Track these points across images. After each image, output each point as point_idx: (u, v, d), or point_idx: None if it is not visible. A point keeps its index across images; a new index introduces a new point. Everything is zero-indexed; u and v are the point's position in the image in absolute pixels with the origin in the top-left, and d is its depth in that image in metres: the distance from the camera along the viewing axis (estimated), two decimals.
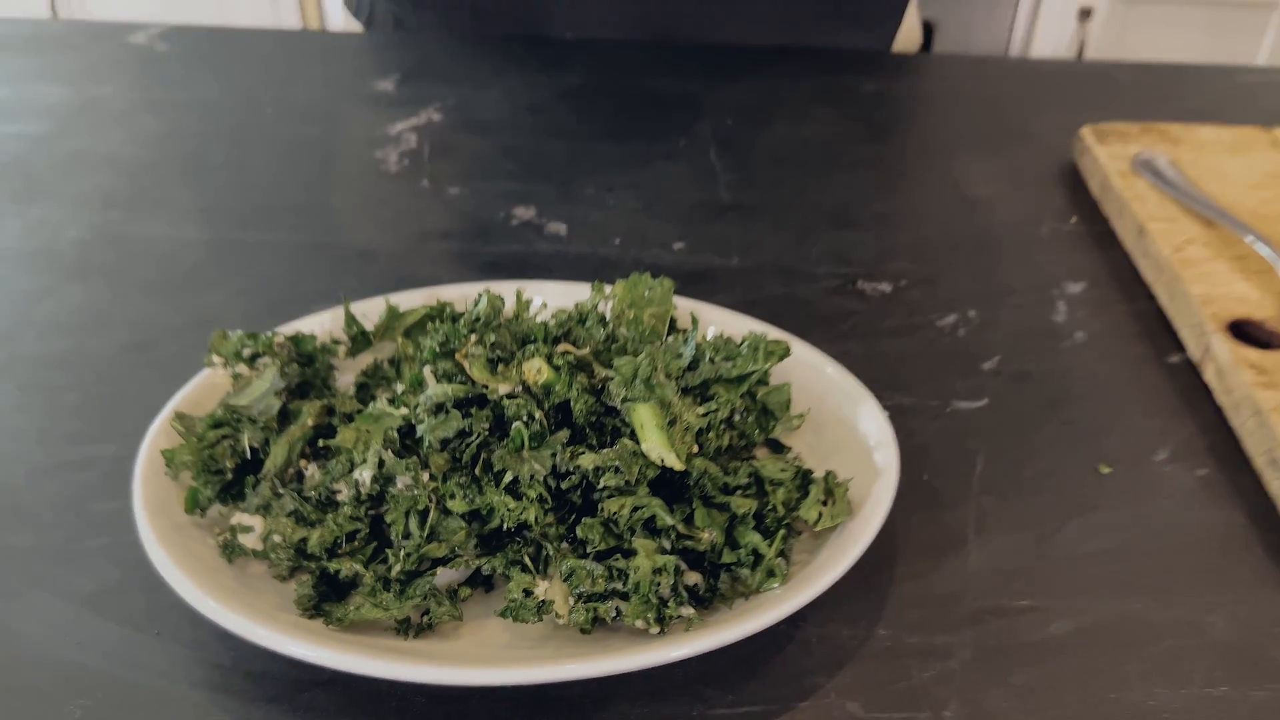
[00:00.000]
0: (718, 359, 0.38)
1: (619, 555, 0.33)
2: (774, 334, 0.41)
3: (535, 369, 0.35)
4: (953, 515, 0.39)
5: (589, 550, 0.33)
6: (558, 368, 0.35)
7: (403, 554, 0.33)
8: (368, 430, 0.35)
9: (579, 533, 0.33)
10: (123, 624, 0.34)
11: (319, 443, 0.36)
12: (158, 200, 0.57)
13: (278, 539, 0.33)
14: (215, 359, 0.38)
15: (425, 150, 0.61)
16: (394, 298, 0.43)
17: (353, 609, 0.32)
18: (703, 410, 0.36)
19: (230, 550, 0.34)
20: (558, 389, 0.35)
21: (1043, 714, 0.32)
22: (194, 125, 0.64)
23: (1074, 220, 0.56)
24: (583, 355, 0.37)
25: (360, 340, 0.42)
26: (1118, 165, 0.56)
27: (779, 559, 0.34)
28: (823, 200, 0.58)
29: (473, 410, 0.35)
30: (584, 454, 0.34)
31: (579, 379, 0.35)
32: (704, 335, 0.41)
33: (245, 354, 0.38)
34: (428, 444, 0.34)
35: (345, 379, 0.41)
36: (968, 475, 0.41)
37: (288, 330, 0.41)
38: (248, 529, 0.34)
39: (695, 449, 0.35)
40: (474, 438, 0.34)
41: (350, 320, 0.42)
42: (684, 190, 0.59)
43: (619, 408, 0.35)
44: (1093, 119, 0.61)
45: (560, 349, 0.37)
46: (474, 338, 0.37)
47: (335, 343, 0.41)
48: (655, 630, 0.32)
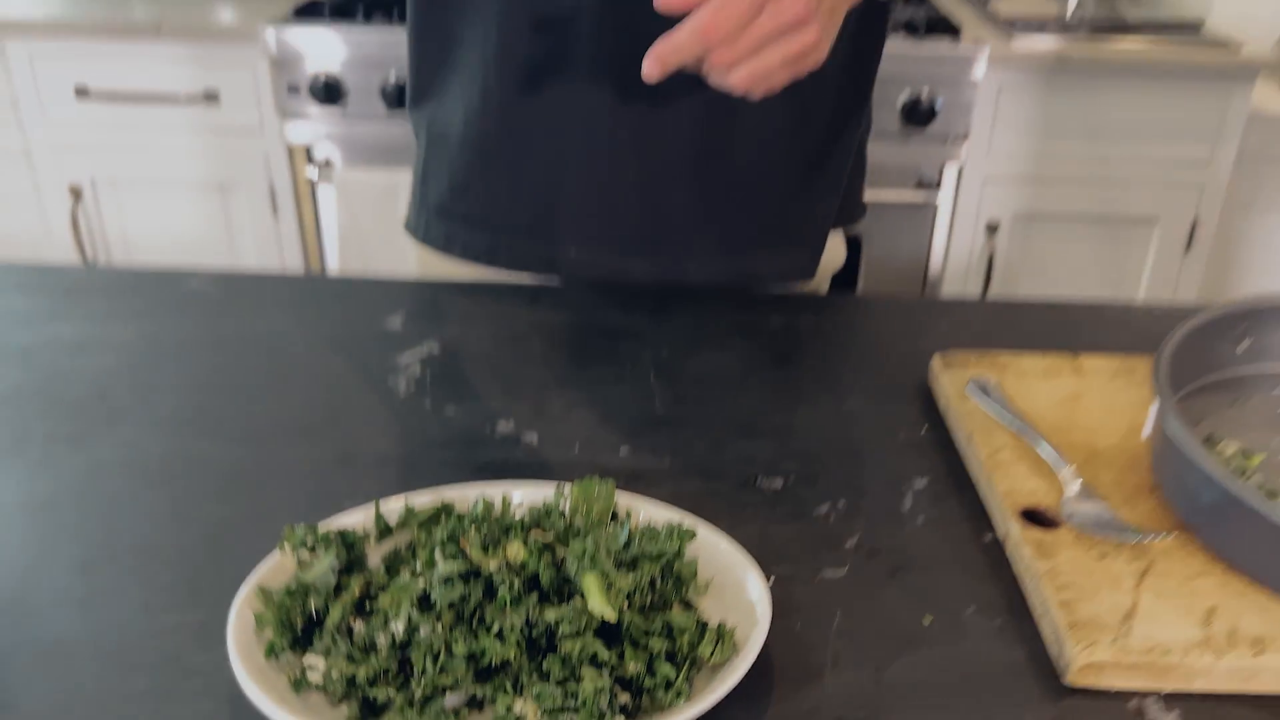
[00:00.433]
0: (644, 541, 0.54)
1: (572, 681, 0.48)
2: (689, 521, 0.57)
3: (514, 551, 0.51)
4: (815, 653, 0.54)
5: (552, 678, 0.48)
6: (530, 549, 0.51)
7: (423, 683, 0.48)
8: (399, 596, 0.50)
9: (545, 665, 0.48)
10: None
11: (364, 605, 0.51)
12: (217, 421, 0.73)
13: (335, 674, 0.48)
14: (286, 545, 0.53)
15: (427, 377, 0.78)
16: (409, 497, 0.59)
17: None
18: (632, 578, 0.51)
19: (299, 684, 0.48)
20: (530, 564, 0.51)
21: None
22: (240, 357, 0.81)
23: (925, 429, 0.73)
24: (548, 539, 0.53)
25: (385, 531, 0.57)
26: (957, 387, 0.74)
27: (685, 684, 0.49)
28: (735, 414, 0.75)
29: (471, 580, 0.50)
30: (548, 610, 0.49)
31: (545, 557, 0.51)
32: (636, 523, 0.57)
33: (308, 542, 0.53)
34: (440, 605, 0.49)
35: (374, 559, 0.56)
36: (828, 625, 0.56)
37: (335, 525, 0.56)
38: (312, 668, 0.49)
39: (626, 606, 0.50)
40: (471, 600, 0.49)
41: (379, 517, 0.57)
42: (629, 407, 0.75)
43: (573, 577, 0.50)
44: (948, 348, 0.79)
45: (532, 535, 0.53)
46: (472, 529, 0.52)
47: (367, 534, 0.57)
48: None
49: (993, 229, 2.00)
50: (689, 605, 0.55)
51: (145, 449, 0.70)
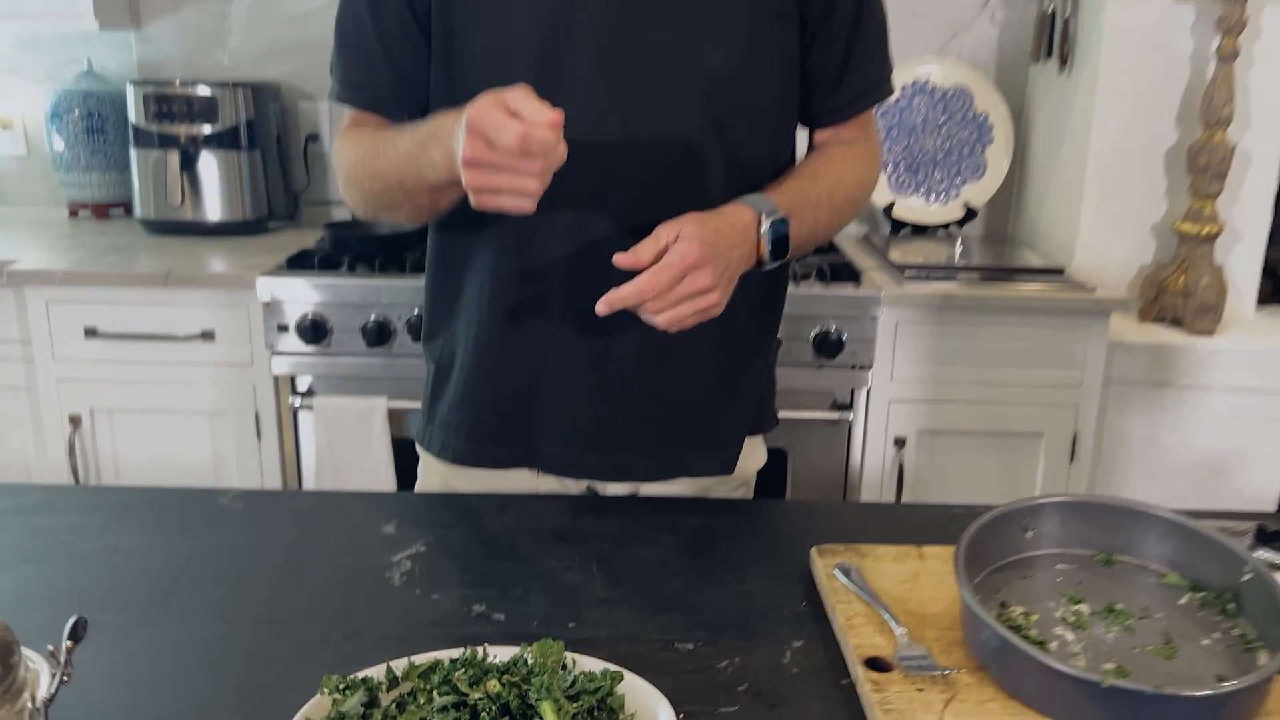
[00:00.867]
0: (585, 681, 0.74)
1: None
2: (614, 669, 0.78)
3: (493, 686, 0.71)
4: None
5: None
6: (504, 685, 0.72)
7: None
8: None
9: None
10: None
11: None
12: (250, 607, 0.93)
13: None
14: (325, 689, 0.73)
15: (416, 570, 0.99)
16: (410, 659, 0.79)
17: None
18: (576, 705, 0.71)
19: None
20: (503, 695, 0.71)
21: None
22: (265, 557, 1.02)
23: (804, 604, 0.95)
24: (516, 680, 0.73)
25: (394, 681, 0.77)
26: (827, 570, 0.96)
27: None
28: (658, 595, 0.96)
29: (461, 708, 0.70)
30: None
31: (514, 690, 0.71)
32: (579, 670, 0.77)
33: (340, 686, 0.73)
34: None
35: (386, 701, 0.76)
36: None
37: (359, 675, 0.76)
38: None
39: None
40: None
41: (389, 670, 0.77)
42: (576, 591, 0.97)
43: (534, 704, 0.71)
44: (825, 542, 1.02)
45: (505, 676, 0.73)
46: (461, 670, 0.73)
47: (381, 683, 0.76)
48: None
49: (900, 444, 2.26)
50: None
51: (195, 631, 0.89)
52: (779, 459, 2.23)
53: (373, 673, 0.77)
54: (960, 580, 0.81)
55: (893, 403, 2.25)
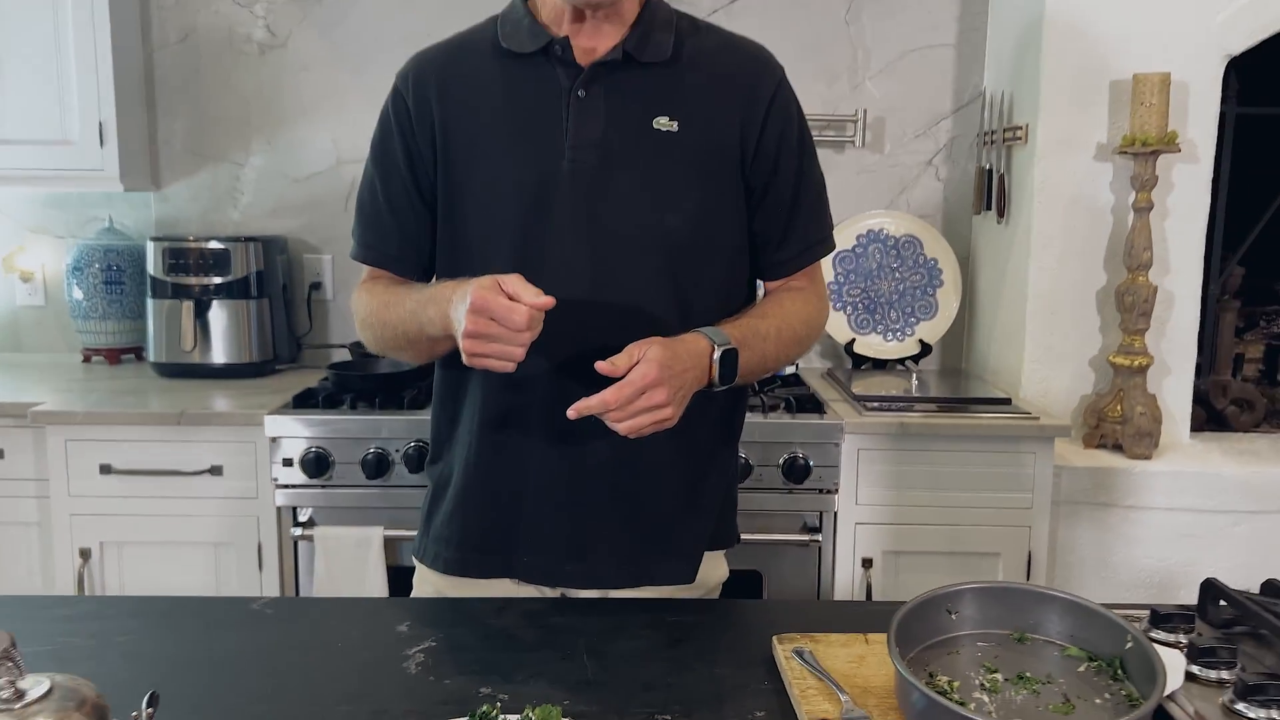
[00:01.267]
0: None
1: None
2: None
3: None
4: None
5: None
6: None
7: None
8: None
9: None
10: None
11: None
12: (288, 691, 1.07)
13: None
14: None
15: (430, 661, 1.14)
16: None
17: None
18: None
19: None
20: None
21: None
22: (299, 652, 1.16)
23: (765, 683, 1.10)
24: None
25: None
26: (786, 654, 1.11)
27: None
28: (640, 677, 1.11)
29: None
30: None
31: None
32: None
33: None
34: None
35: None
36: None
37: None
38: None
39: None
40: None
41: None
42: (569, 675, 1.11)
43: None
44: (785, 632, 1.17)
45: None
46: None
47: None
48: None
49: (867, 563, 2.41)
50: None
51: (246, 713, 1.03)
52: (754, 580, 2.37)
53: None
54: (891, 650, 0.97)
55: (859, 525, 2.41)
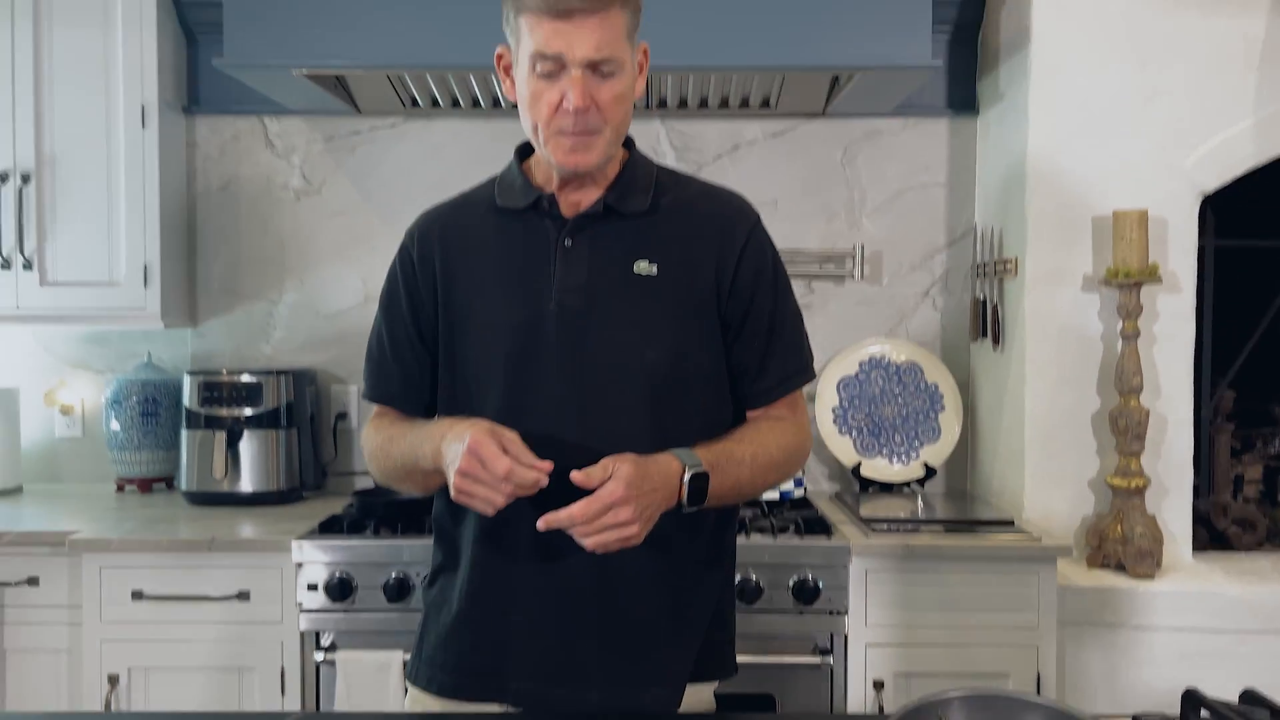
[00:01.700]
0: None
1: None
2: None
3: None
4: None
5: None
6: None
7: None
8: None
9: None
10: None
11: None
12: None
13: None
14: None
15: None
16: None
17: None
18: None
19: None
20: None
21: None
22: None
23: None
24: None
25: None
26: None
27: None
28: None
29: None
30: None
31: None
32: None
33: None
34: None
35: None
36: None
37: None
38: None
39: None
40: None
41: None
42: None
43: None
44: None
45: None
46: None
47: None
48: None
49: (879, 685, 2.44)
50: None
51: None
52: (767, 703, 2.40)
53: None
54: None
55: (869, 646, 2.45)
